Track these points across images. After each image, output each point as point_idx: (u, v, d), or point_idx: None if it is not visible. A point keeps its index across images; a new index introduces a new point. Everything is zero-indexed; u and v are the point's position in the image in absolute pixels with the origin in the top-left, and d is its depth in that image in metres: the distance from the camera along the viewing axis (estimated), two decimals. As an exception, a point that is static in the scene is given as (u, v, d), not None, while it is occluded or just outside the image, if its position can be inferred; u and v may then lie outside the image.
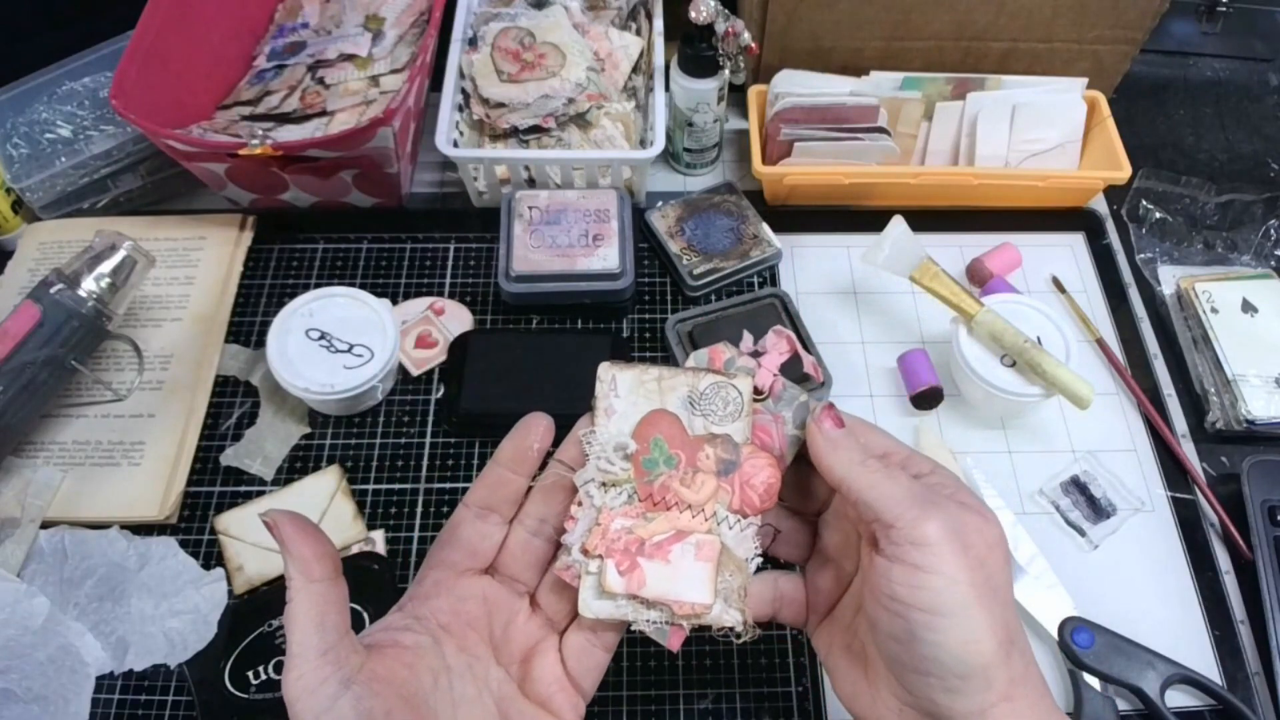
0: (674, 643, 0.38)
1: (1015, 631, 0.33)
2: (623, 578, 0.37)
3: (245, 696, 0.51)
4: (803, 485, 0.41)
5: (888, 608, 0.33)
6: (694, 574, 0.38)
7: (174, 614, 0.54)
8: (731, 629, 0.38)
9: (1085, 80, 0.71)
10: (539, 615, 0.39)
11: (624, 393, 0.40)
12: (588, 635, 0.38)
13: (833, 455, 0.36)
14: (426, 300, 0.67)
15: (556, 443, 0.40)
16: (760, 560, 0.39)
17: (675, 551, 0.38)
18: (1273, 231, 0.71)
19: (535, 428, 0.39)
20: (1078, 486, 0.60)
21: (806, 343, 0.63)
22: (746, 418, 0.39)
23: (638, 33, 0.75)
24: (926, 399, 0.62)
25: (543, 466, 0.40)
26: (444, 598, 0.37)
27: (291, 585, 0.32)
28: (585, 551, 0.38)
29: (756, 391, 0.40)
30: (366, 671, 0.32)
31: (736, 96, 0.74)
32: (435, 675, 0.35)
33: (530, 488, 0.39)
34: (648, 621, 0.38)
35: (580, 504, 0.39)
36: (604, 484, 0.39)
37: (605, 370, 0.40)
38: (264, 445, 0.61)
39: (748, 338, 0.42)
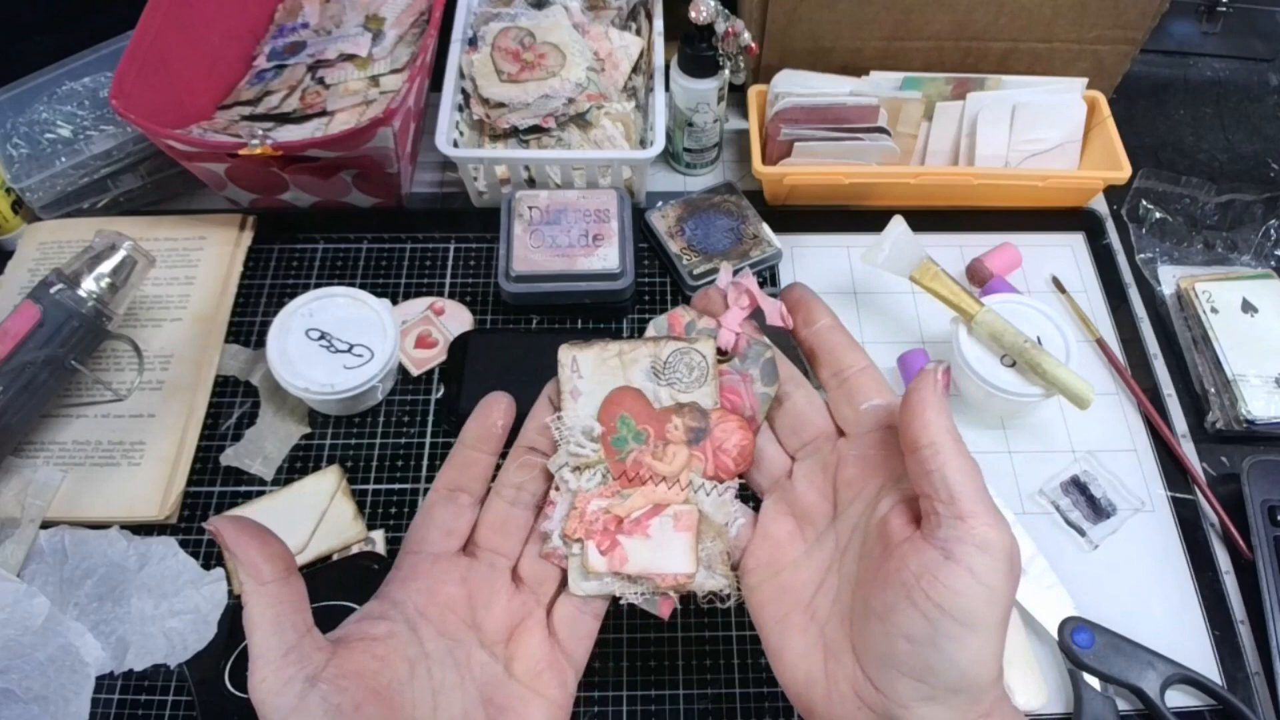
0: (664, 611, 0.38)
1: (1001, 653, 0.32)
2: (604, 557, 0.38)
3: (245, 696, 0.51)
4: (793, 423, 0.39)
5: (918, 605, 0.30)
6: (674, 545, 0.38)
7: (174, 614, 0.54)
8: (717, 593, 0.38)
9: (1085, 80, 0.71)
10: (523, 591, 0.38)
11: (587, 373, 0.40)
12: (577, 603, 0.38)
13: (938, 419, 0.32)
14: (426, 300, 0.67)
15: (521, 418, 0.40)
16: (741, 522, 0.39)
17: (654, 525, 0.38)
18: (1273, 231, 0.71)
19: (497, 406, 0.39)
20: (1078, 486, 0.60)
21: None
22: (713, 381, 0.39)
23: (638, 33, 0.75)
24: None
25: (510, 441, 0.40)
26: (420, 580, 0.36)
27: (244, 590, 0.32)
28: (565, 536, 0.38)
29: (721, 352, 0.39)
30: (333, 667, 0.32)
31: (736, 96, 0.74)
32: (411, 664, 0.34)
33: (499, 465, 0.39)
34: (635, 594, 0.38)
35: (557, 489, 0.39)
36: (576, 468, 0.39)
37: (565, 352, 0.40)
38: (264, 445, 0.61)
39: (726, 270, 0.41)
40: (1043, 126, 0.70)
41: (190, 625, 0.54)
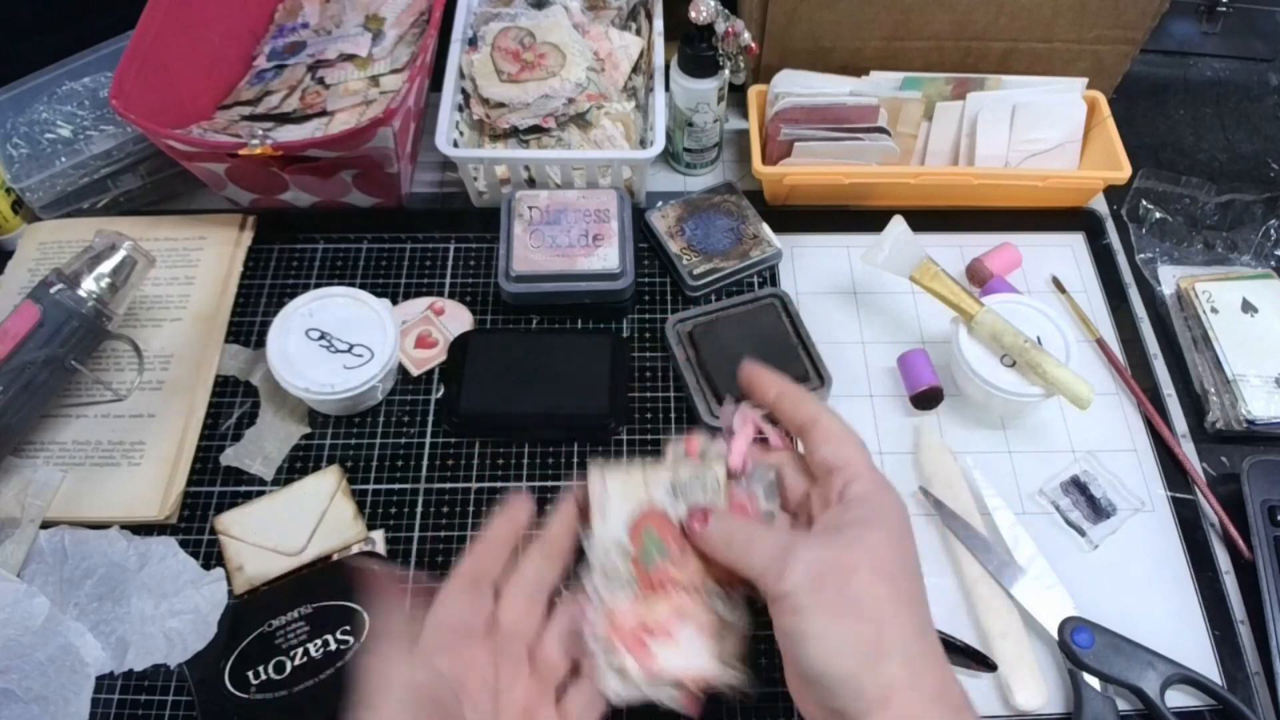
0: (692, 710, 0.42)
1: (890, 644, 0.36)
2: (639, 665, 0.42)
3: (245, 696, 0.51)
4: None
5: (778, 634, 0.38)
6: (696, 647, 0.43)
7: (174, 614, 0.54)
8: (736, 687, 0.42)
9: (1085, 80, 0.71)
10: (536, 676, 0.42)
11: (614, 493, 0.45)
12: (589, 694, 0.42)
13: (709, 548, 0.41)
14: (426, 300, 0.67)
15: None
16: (751, 624, 0.44)
17: (677, 629, 0.43)
18: (1273, 231, 0.71)
19: (521, 506, 0.45)
20: (1078, 486, 0.60)
21: (806, 343, 0.63)
22: (723, 498, 0.45)
23: (638, 33, 0.75)
24: (926, 399, 0.62)
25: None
26: (457, 653, 0.40)
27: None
28: (602, 644, 0.43)
29: (730, 473, 0.45)
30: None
31: (736, 96, 0.74)
32: None
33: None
34: (668, 698, 0.42)
35: (590, 601, 0.43)
36: (608, 577, 0.44)
37: (595, 476, 0.45)
38: (264, 445, 0.61)
39: (728, 407, 0.47)
40: (1043, 126, 0.70)
41: (190, 625, 0.54)
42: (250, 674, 0.52)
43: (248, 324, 0.66)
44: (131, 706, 0.52)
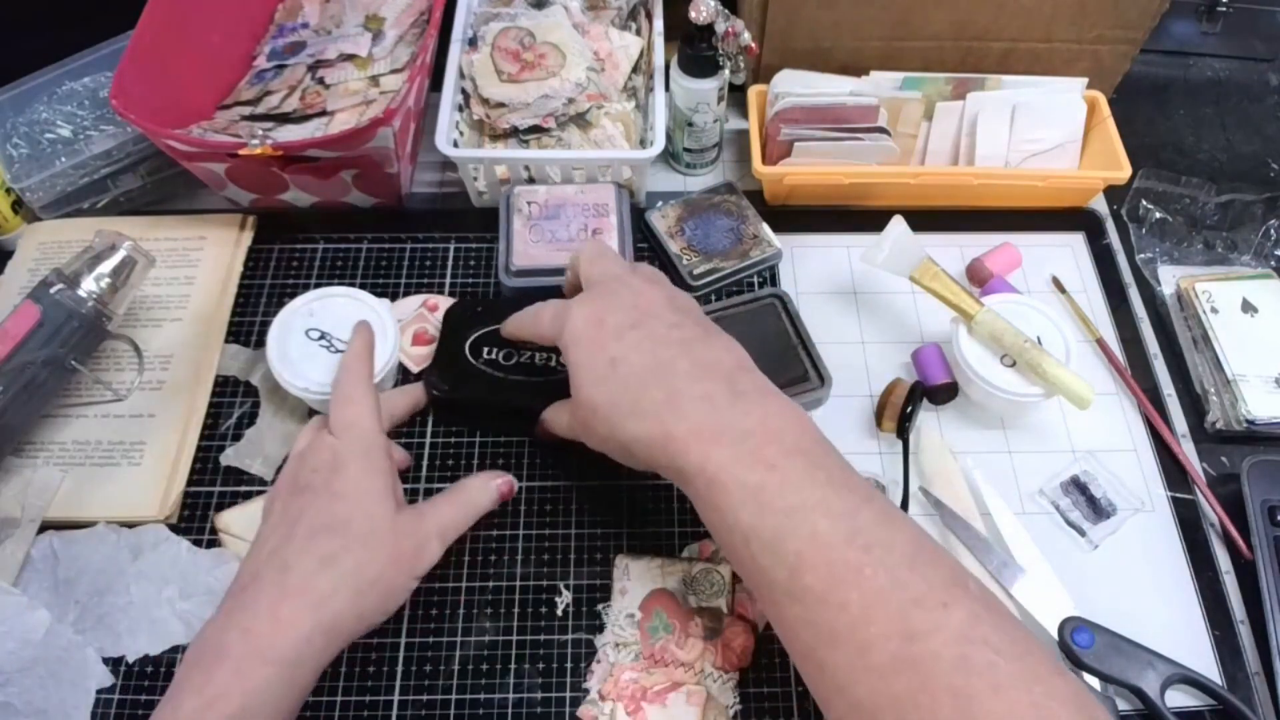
0: None
1: (654, 375, 0.45)
2: (630, 718, 0.49)
3: (472, 361, 0.60)
4: None
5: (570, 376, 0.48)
6: (685, 716, 0.49)
7: (184, 597, 0.54)
8: None
9: (1085, 80, 0.71)
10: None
11: (634, 577, 0.53)
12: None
13: (514, 334, 0.55)
14: (420, 297, 0.67)
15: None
16: (740, 706, 0.50)
17: (670, 698, 0.49)
18: (1273, 231, 0.71)
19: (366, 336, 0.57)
20: (1078, 486, 0.60)
21: (806, 343, 0.63)
22: (728, 594, 0.53)
23: (638, 33, 0.75)
24: (943, 392, 0.62)
25: None
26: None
27: None
28: (601, 695, 0.50)
29: (736, 575, 0.50)
30: None
31: (736, 96, 0.74)
32: None
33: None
34: None
35: (599, 661, 0.51)
36: (617, 645, 0.51)
37: (620, 560, 0.54)
38: (264, 445, 0.61)
39: None
40: (1043, 126, 0.70)
41: (207, 606, 0.54)
42: (486, 349, 0.60)
43: (248, 324, 0.66)
44: (131, 706, 0.52)
